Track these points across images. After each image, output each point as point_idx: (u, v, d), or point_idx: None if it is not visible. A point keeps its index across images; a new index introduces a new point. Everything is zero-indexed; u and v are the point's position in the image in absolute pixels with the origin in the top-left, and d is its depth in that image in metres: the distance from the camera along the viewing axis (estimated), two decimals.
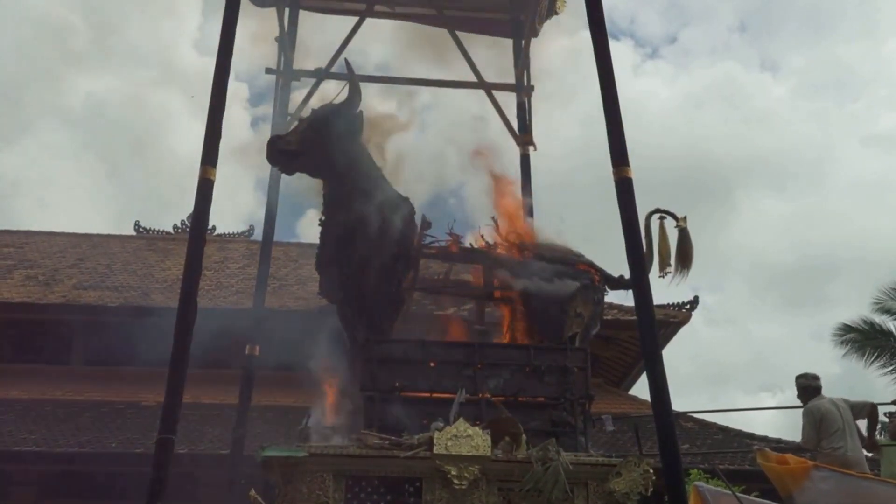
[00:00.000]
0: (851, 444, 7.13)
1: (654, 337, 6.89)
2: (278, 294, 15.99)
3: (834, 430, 7.09)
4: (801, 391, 7.47)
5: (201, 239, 6.80)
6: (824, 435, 7.07)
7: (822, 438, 7.07)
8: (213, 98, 7.03)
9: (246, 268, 18.19)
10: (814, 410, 7.20)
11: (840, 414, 7.20)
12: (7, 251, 19.15)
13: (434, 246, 7.39)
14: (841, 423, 7.16)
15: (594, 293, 7.18)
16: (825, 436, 7.07)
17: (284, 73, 9.40)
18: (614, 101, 7.14)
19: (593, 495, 5.84)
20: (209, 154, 6.88)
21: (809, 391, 7.39)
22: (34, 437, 13.21)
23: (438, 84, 9.87)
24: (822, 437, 7.07)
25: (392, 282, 6.73)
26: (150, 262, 19.08)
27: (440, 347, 6.72)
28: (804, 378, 7.51)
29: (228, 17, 7.29)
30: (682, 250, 7.30)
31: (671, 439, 6.39)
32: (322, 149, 6.64)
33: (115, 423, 13.89)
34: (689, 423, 15.01)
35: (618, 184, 6.94)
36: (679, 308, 17.74)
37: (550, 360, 6.58)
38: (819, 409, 7.19)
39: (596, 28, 7.35)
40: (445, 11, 10.03)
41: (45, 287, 17.28)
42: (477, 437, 5.74)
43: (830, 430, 7.09)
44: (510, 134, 9.73)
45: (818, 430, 7.07)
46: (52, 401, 14.73)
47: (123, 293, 17.14)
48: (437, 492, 5.70)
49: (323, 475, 5.67)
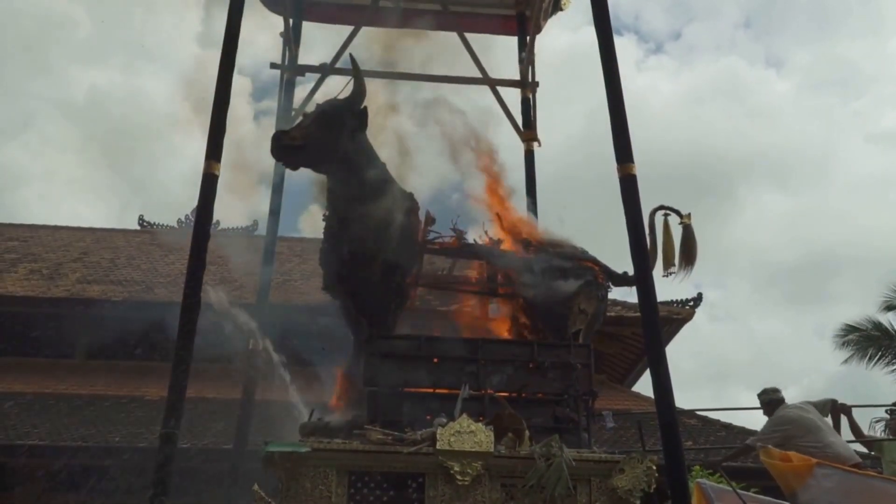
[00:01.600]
0: (838, 441, 7.15)
1: (657, 334, 6.90)
2: (282, 289, 16.02)
3: (814, 429, 7.11)
4: (766, 406, 7.52)
5: (206, 233, 6.82)
6: (802, 434, 7.07)
7: (799, 438, 7.06)
8: (217, 93, 7.04)
9: (249, 263, 18.20)
10: (783, 417, 7.25)
11: (812, 416, 7.26)
12: (11, 245, 19.20)
13: (438, 241, 7.39)
14: (819, 421, 7.21)
15: (598, 289, 7.17)
16: (803, 434, 7.07)
17: (289, 69, 9.39)
18: (619, 98, 7.14)
19: (596, 492, 5.83)
20: (213, 149, 6.90)
21: (773, 404, 7.45)
22: (38, 430, 13.26)
23: (443, 80, 9.85)
24: (801, 438, 7.06)
25: (396, 277, 6.73)
26: (155, 257, 19.12)
27: (443, 343, 6.73)
28: (765, 394, 7.61)
29: (233, 11, 7.30)
30: (686, 247, 7.29)
31: (674, 436, 6.40)
32: (327, 144, 6.63)
33: (118, 416, 13.93)
34: (693, 419, 15.03)
35: (622, 181, 6.94)
36: (683, 305, 17.76)
37: (554, 357, 6.56)
38: (788, 416, 7.27)
39: (601, 25, 7.34)
40: (450, 8, 10.01)
41: (49, 281, 17.33)
42: (480, 433, 5.74)
43: (810, 429, 7.10)
44: (514, 130, 9.71)
45: (786, 435, 7.06)
46: (56, 395, 14.79)
47: (127, 287, 17.19)
48: (441, 487, 5.70)
49: (326, 471, 5.67)
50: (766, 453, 7.07)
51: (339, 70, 9.17)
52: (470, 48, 9.99)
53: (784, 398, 7.52)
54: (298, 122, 6.79)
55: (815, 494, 6.61)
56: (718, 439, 14.45)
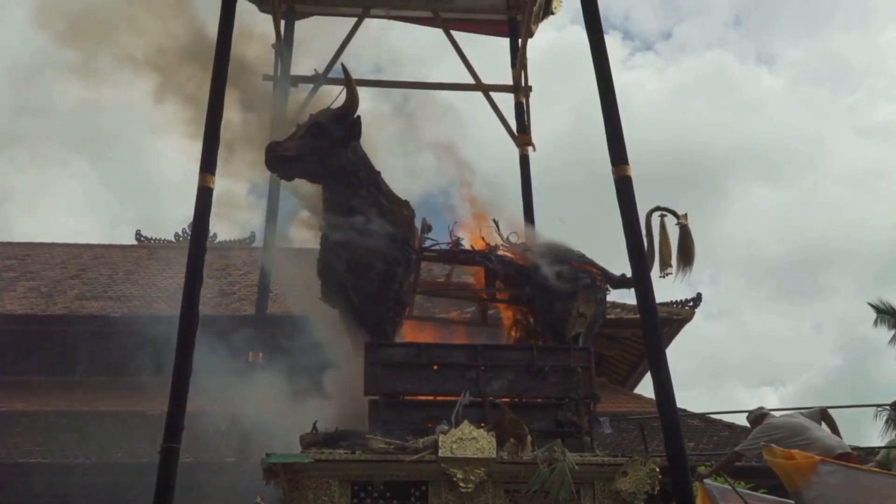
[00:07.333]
0: (825, 435, 7.16)
1: (657, 337, 6.89)
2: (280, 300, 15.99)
3: (801, 429, 7.11)
4: (754, 423, 7.53)
5: (202, 247, 6.81)
6: (789, 436, 7.07)
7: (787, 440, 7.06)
8: (211, 106, 7.03)
9: (248, 274, 18.20)
10: (769, 424, 7.29)
11: (798, 419, 7.28)
12: (9, 263, 19.18)
13: (435, 248, 7.38)
14: (805, 422, 7.22)
15: (596, 292, 7.16)
16: (790, 436, 7.07)
17: (282, 79, 9.39)
18: (612, 100, 7.15)
19: (600, 495, 5.83)
20: (208, 162, 6.90)
21: (760, 418, 7.46)
22: (39, 448, 13.22)
23: (436, 87, 9.87)
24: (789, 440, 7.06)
25: (393, 285, 6.72)
26: (153, 272, 19.10)
27: (443, 350, 6.72)
28: (751, 414, 7.67)
29: (224, 24, 7.30)
30: (684, 248, 7.28)
31: (677, 438, 6.39)
32: (320, 154, 6.64)
33: (119, 433, 13.88)
34: (695, 420, 15.01)
35: (617, 182, 6.93)
36: (682, 305, 17.73)
37: (554, 361, 6.56)
38: (773, 423, 7.33)
39: (592, 29, 7.34)
40: (441, 14, 10.03)
41: (48, 298, 17.31)
42: (482, 439, 5.72)
43: (797, 431, 7.11)
44: (509, 135, 9.72)
45: (773, 439, 7.06)
46: (57, 412, 14.74)
47: (126, 303, 17.16)
48: (444, 495, 5.69)
49: (328, 481, 5.66)
50: (770, 452, 7.04)
51: (331, 79, 9.18)
52: (463, 55, 10.00)
53: (768, 412, 7.57)
54: (292, 133, 6.79)
55: (819, 492, 6.58)
56: (721, 439, 14.44)
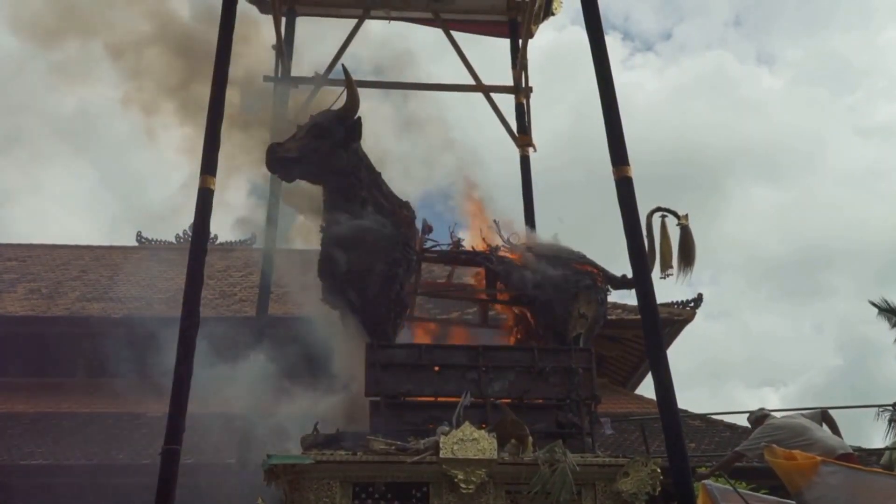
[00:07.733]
0: (825, 435, 7.17)
1: (658, 337, 6.88)
2: (282, 301, 15.99)
3: (801, 430, 7.12)
4: (754, 423, 7.54)
5: (202, 249, 6.81)
6: (790, 437, 7.07)
7: (788, 440, 7.06)
8: (211, 107, 7.03)
9: (249, 276, 18.21)
10: (770, 425, 7.31)
11: (799, 420, 7.29)
12: (10, 265, 19.21)
13: (436, 249, 7.38)
14: (806, 423, 7.22)
15: (597, 293, 7.15)
16: (791, 436, 7.07)
17: (282, 81, 9.38)
18: (613, 101, 7.14)
19: (601, 496, 5.82)
20: (208, 163, 6.90)
21: (761, 419, 7.46)
22: (41, 450, 13.24)
23: (436, 88, 9.87)
24: (790, 440, 7.06)
25: (394, 286, 6.72)
26: (154, 273, 19.10)
27: (444, 351, 6.71)
28: (752, 415, 7.68)
29: (225, 25, 7.30)
30: (684, 248, 7.27)
31: (678, 438, 6.38)
32: (321, 155, 6.64)
33: (121, 434, 13.90)
34: (696, 420, 15.01)
35: (618, 183, 6.93)
36: (683, 306, 17.73)
37: (555, 362, 6.55)
38: (774, 423, 7.37)
39: (593, 29, 7.33)
40: (442, 15, 10.02)
41: (49, 300, 17.33)
42: (483, 440, 5.72)
43: (798, 431, 7.11)
44: (509, 135, 9.71)
45: (774, 439, 7.06)
46: (58, 414, 14.76)
47: (127, 304, 17.17)
48: (445, 496, 5.68)
49: (329, 482, 5.66)
50: (771, 452, 7.04)
51: (332, 81, 9.18)
52: (463, 56, 9.99)
53: (768, 413, 7.58)
54: (293, 134, 6.79)
55: (820, 492, 6.58)
56: (723, 440, 14.44)
